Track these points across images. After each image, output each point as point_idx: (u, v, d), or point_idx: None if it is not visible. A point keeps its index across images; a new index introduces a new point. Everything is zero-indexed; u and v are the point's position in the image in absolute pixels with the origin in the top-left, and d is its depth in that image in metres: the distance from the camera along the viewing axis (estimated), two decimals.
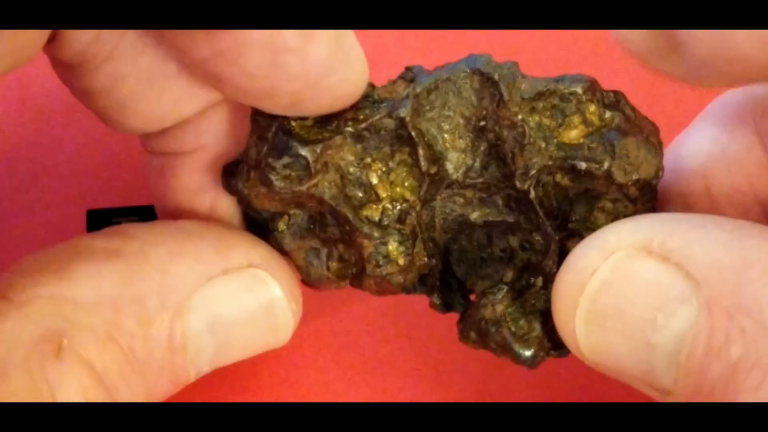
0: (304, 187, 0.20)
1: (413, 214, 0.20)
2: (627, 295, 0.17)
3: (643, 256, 0.17)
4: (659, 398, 0.18)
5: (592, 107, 0.20)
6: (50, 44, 0.19)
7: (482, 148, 0.20)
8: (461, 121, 0.20)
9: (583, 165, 0.19)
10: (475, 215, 0.21)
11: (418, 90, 0.20)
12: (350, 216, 0.20)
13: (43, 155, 0.30)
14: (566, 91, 0.20)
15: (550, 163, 0.19)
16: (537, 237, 0.20)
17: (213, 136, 0.22)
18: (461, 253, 0.21)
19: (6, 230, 0.28)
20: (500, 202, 0.21)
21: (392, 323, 0.27)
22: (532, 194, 0.20)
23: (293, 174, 0.19)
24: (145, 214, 0.28)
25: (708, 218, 0.18)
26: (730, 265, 0.16)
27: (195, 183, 0.22)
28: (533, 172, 0.19)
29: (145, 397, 0.18)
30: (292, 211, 0.21)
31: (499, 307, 0.20)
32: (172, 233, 0.20)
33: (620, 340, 0.17)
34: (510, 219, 0.20)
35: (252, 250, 0.20)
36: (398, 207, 0.20)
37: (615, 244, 0.18)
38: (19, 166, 0.29)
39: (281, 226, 0.21)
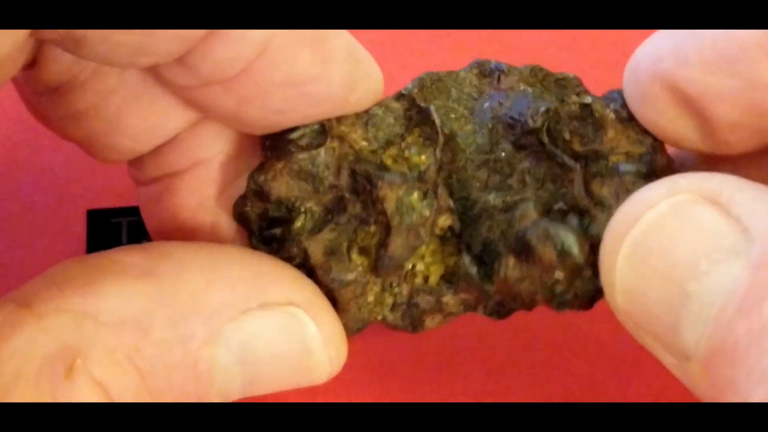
0: (321, 150, 0.20)
1: (432, 168, 0.20)
2: (678, 235, 0.17)
3: (707, 204, 0.17)
4: (675, 367, 0.17)
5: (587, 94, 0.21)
6: (30, 70, 0.18)
7: (489, 125, 0.21)
8: (465, 111, 0.21)
9: (589, 99, 0.20)
10: (491, 196, 0.21)
11: (422, 75, 0.21)
12: (371, 169, 0.20)
13: (43, 155, 0.30)
14: (560, 76, 0.21)
15: (558, 104, 0.20)
16: (559, 205, 0.20)
17: (209, 148, 0.21)
18: (484, 246, 0.21)
19: (6, 230, 0.28)
20: (515, 185, 0.21)
21: None
22: (546, 138, 0.20)
23: (310, 140, 0.20)
24: None
25: None
26: None
27: (195, 200, 0.22)
28: (543, 109, 0.20)
29: None
30: (308, 204, 0.21)
31: (533, 213, 0.20)
32: (213, 258, 0.19)
33: (658, 282, 0.17)
34: (528, 194, 0.20)
35: (294, 288, 0.19)
36: (416, 170, 0.20)
37: (684, 187, 0.17)
38: (19, 166, 0.29)
39: (297, 224, 0.20)
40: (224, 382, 0.18)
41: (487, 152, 0.21)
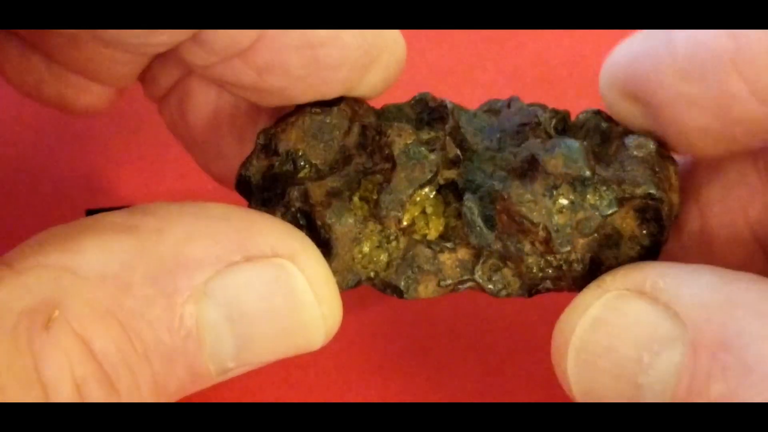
0: (335, 109, 0.20)
1: (442, 136, 0.20)
2: (616, 333, 0.18)
3: (634, 297, 0.18)
4: None
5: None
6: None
7: (498, 135, 0.21)
8: (476, 130, 0.22)
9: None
10: (495, 182, 0.20)
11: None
12: (381, 121, 0.20)
13: (43, 155, 0.30)
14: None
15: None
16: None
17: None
18: (487, 193, 0.20)
19: (5, 230, 0.28)
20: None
21: (392, 324, 0.27)
22: (553, 131, 0.21)
23: (324, 105, 0.21)
24: None
25: (703, 266, 0.18)
26: (716, 306, 0.17)
27: (213, 91, 0.22)
28: (550, 108, 0.21)
29: (153, 386, 0.17)
30: (315, 161, 0.21)
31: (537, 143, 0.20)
32: (195, 213, 0.18)
33: (610, 381, 0.18)
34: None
35: (280, 239, 0.18)
36: (425, 136, 0.20)
37: (610, 284, 0.18)
38: (19, 166, 0.29)
39: (302, 173, 0.21)
40: (215, 343, 0.18)
41: (495, 151, 0.21)
